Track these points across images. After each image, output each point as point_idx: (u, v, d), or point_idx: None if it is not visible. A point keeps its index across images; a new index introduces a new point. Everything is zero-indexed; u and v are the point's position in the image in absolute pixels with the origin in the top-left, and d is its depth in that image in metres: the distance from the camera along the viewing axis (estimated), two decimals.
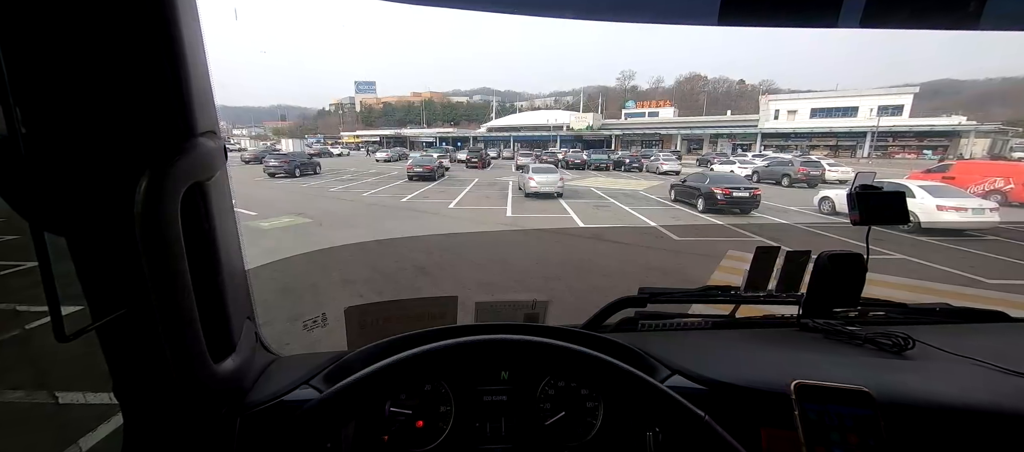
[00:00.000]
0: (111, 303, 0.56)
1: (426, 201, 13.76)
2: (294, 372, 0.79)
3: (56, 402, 2.70)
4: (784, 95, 53.21)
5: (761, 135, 46.64)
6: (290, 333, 3.70)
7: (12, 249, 5.76)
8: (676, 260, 7.18)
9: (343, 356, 0.81)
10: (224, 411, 0.68)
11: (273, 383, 0.77)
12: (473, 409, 0.82)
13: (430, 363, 0.60)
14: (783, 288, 1.12)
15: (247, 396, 0.73)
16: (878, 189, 0.97)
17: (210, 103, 0.60)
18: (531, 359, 0.64)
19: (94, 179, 0.52)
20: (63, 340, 0.45)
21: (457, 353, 0.61)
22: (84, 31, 0.49)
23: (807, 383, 0.65)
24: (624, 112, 66.33)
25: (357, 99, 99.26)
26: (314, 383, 0.76)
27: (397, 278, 5.54)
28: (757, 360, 0.90)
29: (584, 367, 0.62)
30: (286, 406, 0.73)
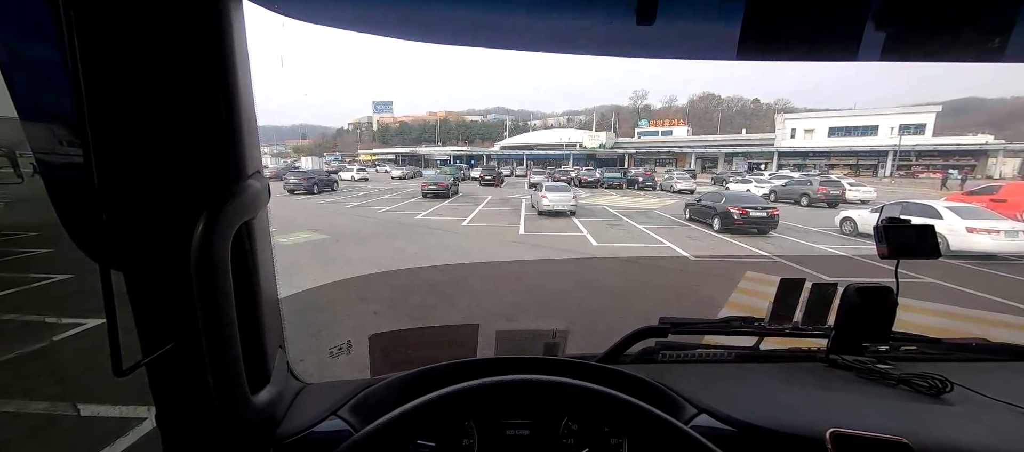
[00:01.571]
0: (161, 337, 0.58)
1: (440, 218, 13.89)
2: (322, 401, 0.80)
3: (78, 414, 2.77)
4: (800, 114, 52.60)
5: (777, 154, 46.00)
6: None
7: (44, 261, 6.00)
8: (692, 280, 7.04)
9: (367, 385, 0.82)
10: (258, 443, 0.69)
11: (303, 413, 0.78)
12: (496, 444, 0.82)
13: (462, 403, 0.61)
14: (809, 321, 1.09)
15: (279, 427, 0.74)
16: (906, 222, 0.95)
17: (257, 146, 0.64)
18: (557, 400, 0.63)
19: (153, 220, 0.56)
20: (120, 375, 0.48)
21: (486, 394, 0.61)
22: (148, 80, 0.53)
23: (844, 432, 0.63)
24: (637, 131, 66.43)
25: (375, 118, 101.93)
26: (342, 414, 0.77)
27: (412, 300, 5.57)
28: (786, 399, 0.88)
29: (610, 409, 0.62)
30: (315, 437, 0.74)
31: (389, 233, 11.08)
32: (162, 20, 0.52)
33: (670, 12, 0.83)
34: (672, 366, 1.05)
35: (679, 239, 10.63)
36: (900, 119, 42.34)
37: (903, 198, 12.24)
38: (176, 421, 0.65)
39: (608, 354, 1.07)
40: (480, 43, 0.89)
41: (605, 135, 62.17)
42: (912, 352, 1.10)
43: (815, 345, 1.08)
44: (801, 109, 61.09)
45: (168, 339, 0.58)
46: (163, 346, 0.57)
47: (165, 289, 0.57)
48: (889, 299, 0.97)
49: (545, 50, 0.96)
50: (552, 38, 0.95)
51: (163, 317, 0.58)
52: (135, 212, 0.55)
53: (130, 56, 0.51)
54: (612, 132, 67.44)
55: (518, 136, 72.85)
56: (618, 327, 1.14)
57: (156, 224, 0.56)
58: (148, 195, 0.56)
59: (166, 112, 0.54)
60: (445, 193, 20.18)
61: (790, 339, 1.11)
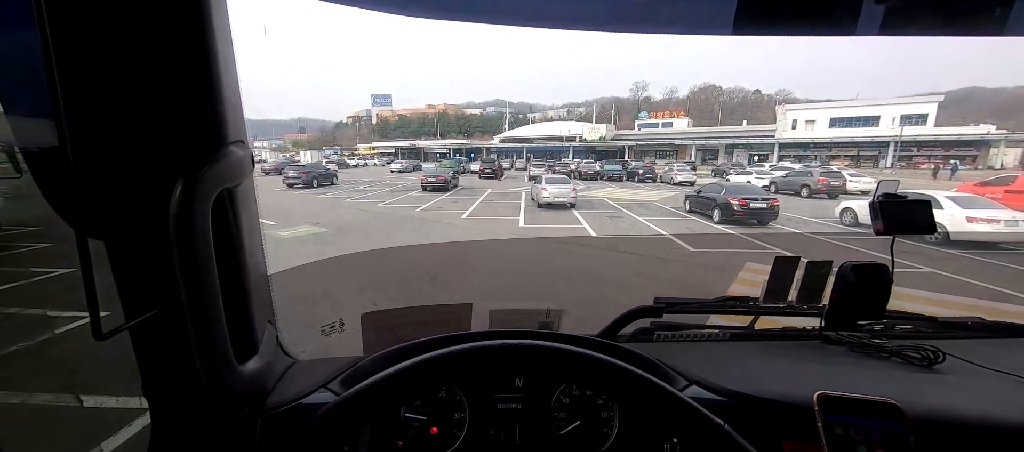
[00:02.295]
0: (144, 304, 0.58)
1: (440, 212, 13.88)
2: (312, 376, 0.81)
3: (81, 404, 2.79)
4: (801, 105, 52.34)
5: (778, 145, 45.84)
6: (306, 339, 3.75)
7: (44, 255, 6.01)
8: (691, 272, 7.05)
9: (359, 361, 0.82)
10: (246, 412, 0.69)
11: (292, 386, 0.78)
12: (488, 416, 0.82)
13: (446, 367, 0.61)
14: (804, 300, 1.09)
15: (268, 398, 0.74)
16: (902, 198, 0.94)
17: (239, 114, 0.63)
18: (547, 365, 0.63)
19: (131, 185, 0.55)
20: (100, 338, 0.48)
21: (473, 358, 0.61)
22: (123, 44, 0.52)
23: (831, 394, 0.63)
24: (637, 123, 66.18)
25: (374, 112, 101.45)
26: (332, 387, 0.77)
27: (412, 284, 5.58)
28: (779, 372, 0.88)
29: (601, 374, 0.62)
30: (304, 409, 0.74)
31: (389, 226, 11.08)
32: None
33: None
34: (667, 345, 1.05)
35: (679, 230, 10.63)
36: (901, 109, 42.11)
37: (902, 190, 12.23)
38: (162, 389, 0.65)
39: (603, 332, 1.07)
40: (475, 17, 0.88)
41: (605, 127, 61.93)
42: (907, 330, 1.10)
43: (810, 323, 1.08)
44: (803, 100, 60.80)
45: (151, 306, 0.58)
46: (146, 312, 0.57)
47: (146, 256, 0.57)
48: (884, 276, 0.97)
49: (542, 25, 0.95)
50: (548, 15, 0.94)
51: (145, 284, 0.58)
52: (113, 177, 0.55)
53: (103, 14, 0.50)
54: (612, 124, 67.16)
55: (518, 129, 72.59)
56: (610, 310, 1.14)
57: (134, 189, 0.55)
58: (125, 160, 0.55)
59: (142, 73, 0.54)
60: (445, 186, 20.16)
61: (785, 318, 1.12)
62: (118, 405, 2.74)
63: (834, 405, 0.63)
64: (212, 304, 0.53)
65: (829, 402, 0.63)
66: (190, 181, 0.50)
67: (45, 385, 3.01)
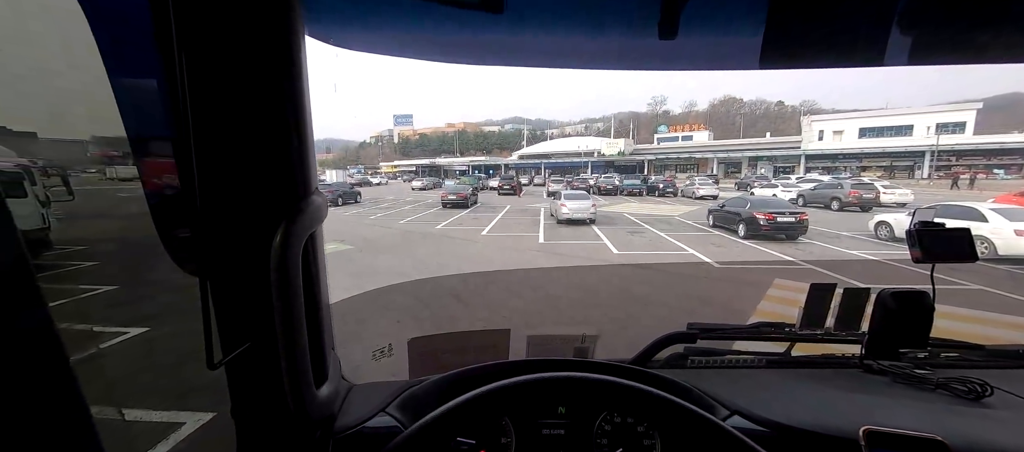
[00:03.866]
0: (239, 337, 0.65)
1: (460, 228, 14.04)
2: (370, 400, 0.86)
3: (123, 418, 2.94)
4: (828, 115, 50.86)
5: (805, 157, 44.50)
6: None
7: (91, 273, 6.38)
8: (718, 288, 6.88)
9: (410, 386, 0.87)
10: (318, 435, 0.75)
11: (354, 410, 0.83)
12: (533, 442, 0.85)
13: (501, 399, 0.64)
14: (842, 327, 1.08)
15: (335, 421, 0.80)
16: (940, 226, 0.93)
17: (316, 164, 0.70)
18: (595, 396, 0.66)
19: (237, 232, 0.62)
20: (212, 368, 0.54)
21: (526, 390, 0.64)
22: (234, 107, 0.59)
23: (877, 429, 0.63)
24: (656, 137, 65.63)
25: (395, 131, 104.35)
26: (390, 411, 0.82)
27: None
28: (820, 402, 0.87)
29: (646, 405, 0.64)
30: (367, 433, 0.79)
31: (411, 243, 11.27)
32: (248, 59, 0.58)
33: (692, 26, 0.85)
34: (702, 371, 1.05)
35: (703, 246, 10.40)
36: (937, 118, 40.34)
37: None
38: (249, 414, 0.71)
39: (637, 358, 1.08)
40: (504, 62, 0.94)
41: (624, 142, 61.65)
42: (953, 359, 1.07)
43: (849, 351, 1.07)
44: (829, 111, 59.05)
45: (244, 339, 0.64)
46: (240, 346, 0.63)
47: (243, 294, 0.64)
48: (925, 304, 0.96)
49: (566, 67, 1.01)
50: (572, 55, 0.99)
51: (241, 320, 0.64)
52: (222, 226, 0.62)
53: (223, 90, 0.58)
54: (631, 139, 66.81)
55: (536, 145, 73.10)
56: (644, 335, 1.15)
57: (240, 236, 0.62)
58: (234, 211, 0.62)
59: (249, 136, 0.61)
60: (464, 203, 20.40)
61: (822, 345, 1.10)
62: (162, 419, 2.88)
63: (880, 440, 0.63)
64: (300, 336, 0.59)
65: (875, 437, 0.63)
66: (287, 229, 0.57)
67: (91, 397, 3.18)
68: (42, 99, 1.57)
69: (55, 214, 8.74)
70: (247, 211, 0.62)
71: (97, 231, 6.93)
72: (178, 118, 0.53)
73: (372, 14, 0.73)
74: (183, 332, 4.29)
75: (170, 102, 0.54)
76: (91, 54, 0.53)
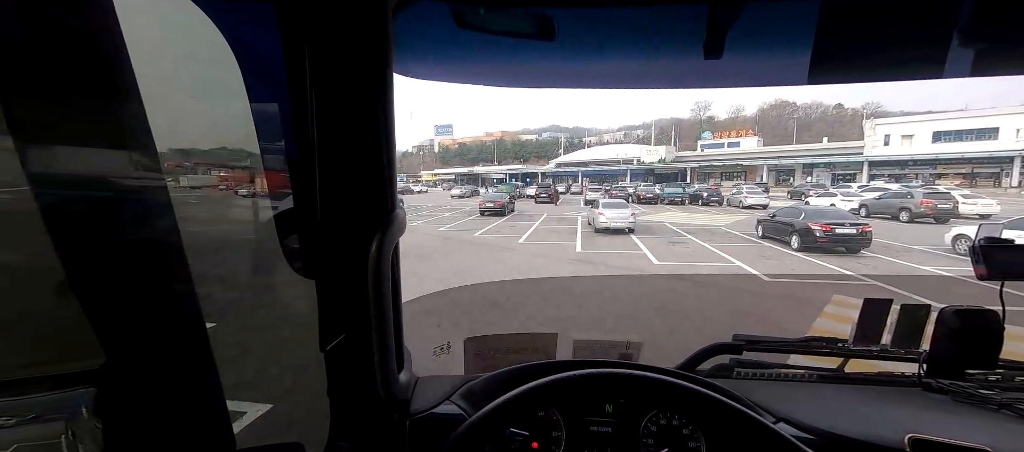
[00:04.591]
0: (336, 328, 0.76)
1: (498, 236, 14.23)
2: (435, 389, 0.96)
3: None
4: (895, 118, 46.65)
5: (868, 164, 41.05)
6: None
7: None
8: (767, 303, 6.52)
9: (470, 380, 0.96)
10: (396, 417, 0.86)
11: (423, 397, 0.94)
12: (582, 438, 0.90)
13: (554, 393, 0.71)
14: (900, 344, 1.04)
15: (410, 406, 0.90)
16: (1008, 242, 0.89)
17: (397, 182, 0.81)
18: (645, 394, 0.71)
19: (342, 241, 0.74)
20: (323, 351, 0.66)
21: (579, 385, 0.71)
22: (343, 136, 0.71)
23: (924, 438, 0.63)
24: (700, 143, 63.20)
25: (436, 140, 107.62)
26: (454, 400, 0.92)
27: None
28: (872, 416, 0.86)
29: (697, 405, 0.67)
30: (436, 417, 0.89)
31: (450, 250, 11.58)
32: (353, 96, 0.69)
33: (737, 46, 0.88)
34: (748, 383, 1.06)
35: (751, 258, 9.89)
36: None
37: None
38: (342, 395, 0.82)
39: (682, 365, 1.11)
40: (556, 85, 1.02)
41: (665, 149, 59.91)
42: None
43: (908, 369, 1.03)
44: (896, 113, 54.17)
45: (340, 331, 0.75)
46: (338, 336, 0.74)
47: (340, 292, 0.75)
48: (994, 324, 0.92)
49: (614, 87, 1.07)
50: (619, 77, 1.05)
51: (338, 314, 0.76)
52: (327, 234, 0.74)
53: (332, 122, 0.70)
54: (673, 146, 64.80)
55: (573, 153, 72.65)
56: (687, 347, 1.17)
57: (340, 243, 0.74)
58: (336, 222, 0.74)
59: (350, 160, 0.72)
60: (502, 211, 20.64)
61: (878, 362, 1.07)
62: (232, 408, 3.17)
63: (926, 448, 0.63)
64: (388, 330, 0.69)
65: (921, 445, 0.63)
66: (382, 237, 0.68)
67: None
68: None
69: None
70: (346, 222, 0.73)
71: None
72: (302, 144, 0.65)
73: (442, 49, 0.84)
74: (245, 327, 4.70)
75: (297, 131, 0.66)
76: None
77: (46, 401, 0.60)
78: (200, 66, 0.75)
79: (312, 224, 0.69)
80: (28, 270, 0.55)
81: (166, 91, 0.68)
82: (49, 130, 0.48)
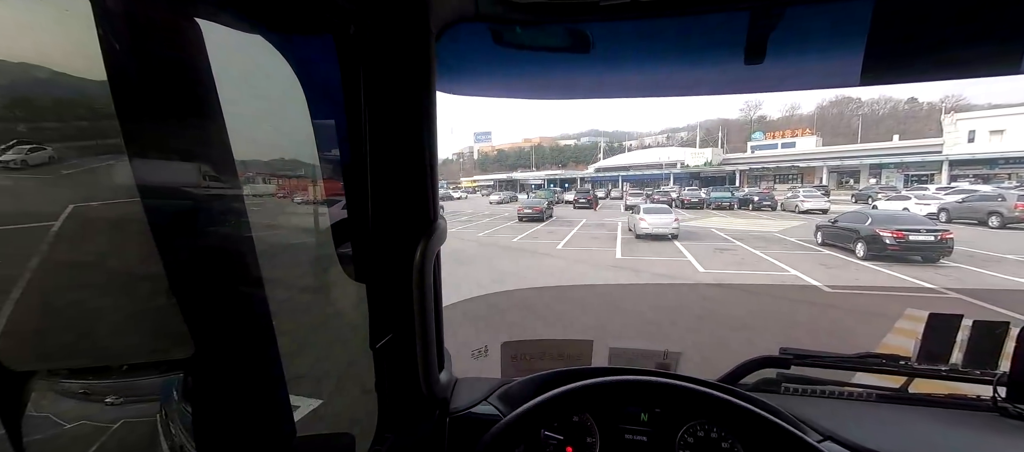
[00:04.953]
0: (384, 328, 0.83)
1: (536, 242, 14.24)
2: (473, 390, 1.00)
3: None
4: (982, 112, 41.58)
5: (948, 163, 36.85)
6: None
7: None
8: (827, 315, 6.04)
9: (507, 382, 1.00)
10: (437, 414, 0.91)
11: (461, 397, 0.99)
12: (616, 445, 0.90)
13: (589, 397, 0.73)
14: (972, 364, 0.95)
15: (450, 405, 0.96)
16: None
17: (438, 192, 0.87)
18: (683, 404, 0.70)
19: (390, 247, 0.81)
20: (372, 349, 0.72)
21: (615, 391, 0.72)
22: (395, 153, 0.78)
23: None
24: (750, 144, 59.73)
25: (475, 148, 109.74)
26: (491, 401, 0.96)
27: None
28: (937, 441, 0.79)
29: (736, 418, 0.66)
30: (474, 416, 0.93)
31: (489, 256, 11.73)
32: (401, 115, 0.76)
33: (781, 50, 0.86)
34: (796, 399, 1.01)
35: (808, 267, 9.20)
36: None
37: None
38: (388, 391, 0.89)
39: (725, 377, 1.07)
40: (593, 96, 1.04)
41: (711, 151, 57.20)
42: None
43: (983, 392, 0.93)
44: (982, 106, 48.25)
45: (387, 331, 0.81)
46: (385, 336, 0.81)
47: (388, 295, 0.82)
48: None
49: (654, 95, 1.06)
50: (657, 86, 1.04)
51: (385, 315, 0.82)
52: (379, 241, 0.81)
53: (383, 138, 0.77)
54: (720, 148, 61.79)
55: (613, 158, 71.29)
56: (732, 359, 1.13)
57: (387, 249, 0.80)
58: (385, 229, 0.81)
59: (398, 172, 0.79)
60: (540, 217, 20.63)
61: (947, 382, 0.98)
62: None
63: None
64: (431, 331, 0.75)
65: None
66: (425, 245, 0.74)
67: None
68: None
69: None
70: (393, 230, 0.79)
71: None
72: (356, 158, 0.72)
73: (481, 67, 0.89)
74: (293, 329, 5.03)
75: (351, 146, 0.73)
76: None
77: (146, 385, 0.70)
78: (271, 91, 0.85)
79: (364, 231, 0.76)
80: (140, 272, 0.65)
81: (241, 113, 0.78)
82: (157, 151, 0.57)
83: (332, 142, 0.78)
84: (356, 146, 0.73)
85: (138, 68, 0.53)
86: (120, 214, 0.63)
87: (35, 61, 0.57)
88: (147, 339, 0.66)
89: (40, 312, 0.60)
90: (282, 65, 0.70)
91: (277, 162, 1.81)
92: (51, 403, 0.62)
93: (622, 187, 49.78)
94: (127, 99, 0.51)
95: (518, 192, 47.82)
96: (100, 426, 0.66)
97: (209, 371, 0.61)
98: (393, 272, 0.77)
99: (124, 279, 0.65)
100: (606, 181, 57.26)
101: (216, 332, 0.61)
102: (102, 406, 0.67)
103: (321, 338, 1.68)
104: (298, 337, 1.42)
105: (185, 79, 0.58)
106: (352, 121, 0.72)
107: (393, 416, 0.86)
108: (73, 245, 0.63)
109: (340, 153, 0.77)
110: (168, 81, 0.56)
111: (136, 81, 0.53)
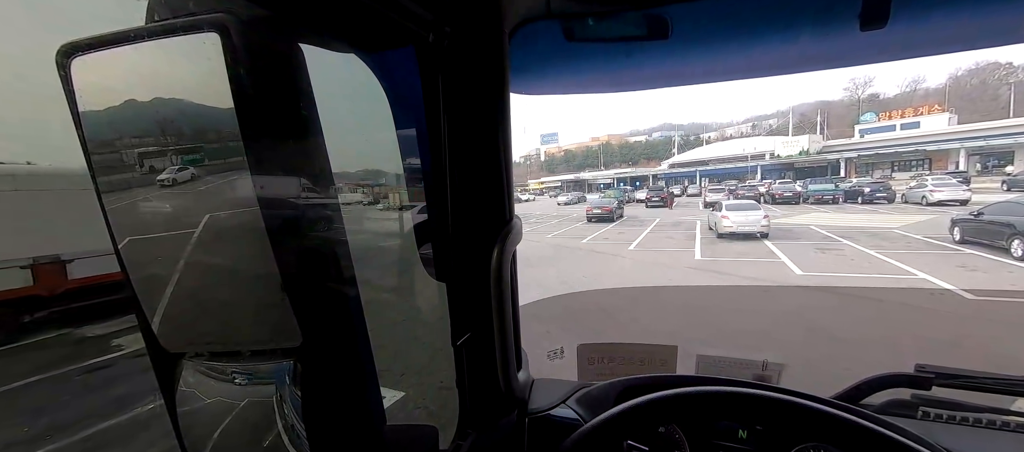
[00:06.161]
0: (463, 327, 0.86)
1: (605, 242, 13.84)
2: (551, 392, 0.99)
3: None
4: None
5: None
6: None
7: None
8: (970, 328, 4.99)
9: (584, 386, 0.97)
10: (516, 414, 0.92)
11: (539, 398, 0.99)
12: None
13: (680, 407, 0.68)
14: None
15: (528, 405, 0.96)
16: None
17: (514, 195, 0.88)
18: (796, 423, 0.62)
19: (469, 248, 0.84)
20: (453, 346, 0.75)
21: (718, 401, 0.65)
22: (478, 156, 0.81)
23: None
24: (858, 128, 51.77)
25: (542, 150, 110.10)
26: (570, 404, 0.94)
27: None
28: None
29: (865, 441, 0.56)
30: (552, 419, 0.93)
31: (557, 257, 11.66)
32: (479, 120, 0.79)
33: (909, 8, 0.73)
34: (938, 426, 0.83)
35: (942, 269, 7.69)
36: None
37: None
38: (469, 388, 0.92)
39: (843, 395, 0.92)
40: (673, 84, 0.97)
41: (808, 139, 50.67)
42: None
43: None
44: None
45: (467, 329, 0.84)
46: (465, 334, 0.83)
47: (467, 294, 0.84)
48: None
49: (741, 78, 0.97)
50: (747, 69, 0.94)
51: (465, 314, 0.85)
52: (458, 242, 0.85)
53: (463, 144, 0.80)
54: (818, 134, 54.51)
55: (689, 152, 66.66)
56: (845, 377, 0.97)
57: (466, 250, 0.84)
58: (467, 231, 0.84)
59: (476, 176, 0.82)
60: (610, 217, 20.05)
61: None
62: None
63: None
64: (509, 331, 0.76)
65: None
66: (502, 246, 0.75)
67: None
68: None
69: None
70: (471, 231, 0.82)
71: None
72: (436, 163, 0.76)
73: (553, 63, 0.88)
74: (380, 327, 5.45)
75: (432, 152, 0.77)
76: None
77: (267, 369, 0.80)
78: (360, 106, 0.93)
79: (443, 233, 0.79)
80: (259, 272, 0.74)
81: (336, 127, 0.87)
82: (271, 166, 0.66)
83: (413, 148, 0.82)
84: (435, 151, 0.77)
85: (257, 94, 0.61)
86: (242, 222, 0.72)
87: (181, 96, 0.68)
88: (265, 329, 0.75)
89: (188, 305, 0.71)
90: (370, 79, 0.76)
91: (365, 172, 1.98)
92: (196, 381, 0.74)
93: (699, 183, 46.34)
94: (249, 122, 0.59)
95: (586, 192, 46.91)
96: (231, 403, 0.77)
97: (314, 360, 0.68)
98: (471, 272, 0.79)
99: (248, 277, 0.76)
100: (682, 177, 53.76)
101: (319, 325, 0.67)
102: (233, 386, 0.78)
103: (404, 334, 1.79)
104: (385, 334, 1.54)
105: (293, 101, 0.65)
106: (432, 127, 0.76)
107: (473, 413, 0.88)
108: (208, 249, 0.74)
109: (421, 158, 0.81)
110: (280, 103, 0.64)
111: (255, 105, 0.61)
